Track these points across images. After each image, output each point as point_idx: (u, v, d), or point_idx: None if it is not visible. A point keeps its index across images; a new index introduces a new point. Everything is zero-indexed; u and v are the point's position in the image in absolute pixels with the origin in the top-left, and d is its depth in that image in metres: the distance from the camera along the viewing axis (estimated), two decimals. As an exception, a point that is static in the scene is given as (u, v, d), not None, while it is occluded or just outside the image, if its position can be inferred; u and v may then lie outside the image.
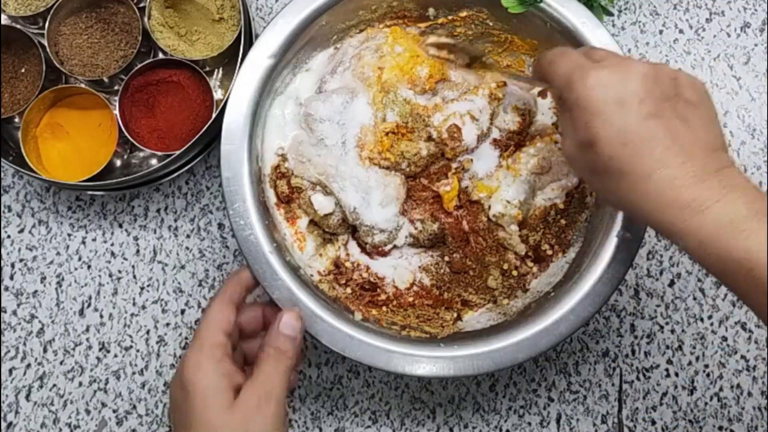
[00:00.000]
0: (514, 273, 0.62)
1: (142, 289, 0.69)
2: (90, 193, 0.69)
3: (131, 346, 0.68)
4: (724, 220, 0.42)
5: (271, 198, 0.62)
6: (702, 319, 0.69)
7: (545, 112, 0.65)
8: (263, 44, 0.59)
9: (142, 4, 0.66)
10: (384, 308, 0.62)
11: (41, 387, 0.68)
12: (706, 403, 0.68)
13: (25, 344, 0.68)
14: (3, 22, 0.66)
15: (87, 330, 0.68)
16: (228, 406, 0.50)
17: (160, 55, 0.67)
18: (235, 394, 0.51)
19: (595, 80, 0.46)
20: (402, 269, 0.63)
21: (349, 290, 0.62)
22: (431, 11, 0.64)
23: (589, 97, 0.46)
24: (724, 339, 0.68)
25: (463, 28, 0.65)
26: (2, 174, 0.70)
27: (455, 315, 0.62)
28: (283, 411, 0.52)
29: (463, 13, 0.64)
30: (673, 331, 0.68)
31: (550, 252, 0.63)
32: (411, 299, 0.62)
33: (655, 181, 0.44)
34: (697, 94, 0.47)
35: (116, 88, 0.66)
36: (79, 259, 0.69)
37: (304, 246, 0.62)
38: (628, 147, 0.45)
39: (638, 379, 0.68)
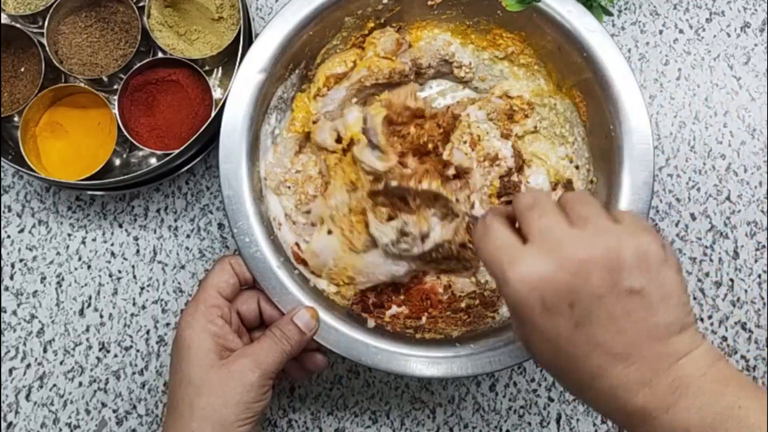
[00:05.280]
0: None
1: (142, 289, 0.69)
2: (90, 193, 0.69)
3: (131, 346, 0.68)
4: (679, 430, 0.38)
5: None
6: (702, 319, 0.69)
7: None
8: (253, 58, 0.59)
9: (141, 3, 0.66)
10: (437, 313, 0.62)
11: (41, 387, 0.68)
12: (705, 403, 0.68)
13: (25, 344, 0.68)
14: (2, 21, 0.66)
15: (87, 330, 0.68)
16: (211, 365, 0.52)
17: (160, 54, 0.67)
18: (226, 355, 0.53)
19: (518, 278, 0.40)
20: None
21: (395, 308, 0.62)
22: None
23: (514, 299, 0.40)
24: (724, 339, 0.68)
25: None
26: (2, 174, 0.70)
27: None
28: (266, 386, 0.53)
29: None
30: (672, 331, 0.68)
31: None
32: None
33: (597, 390, 0.40)
34: (644, 270, 0.40)
35: (115, 87, 0.66)
36: (79, 259, 0.69)
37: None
38: (561, 356, 0.41)
39: (638, 378, 0.68)
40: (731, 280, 0.69)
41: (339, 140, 0.60)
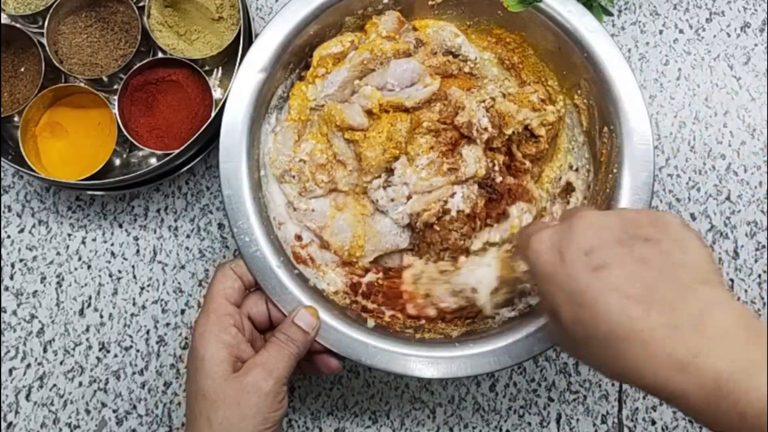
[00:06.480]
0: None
1: (142, 289, 0.69)
2: (90, 193, 0.69)
3: (131, 346, 0.68)
4: (709, 380, 0.36)
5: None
6: (702, 319, 0.69)
7: None
8: (253, 58, 0.59)
9: (141, 4, 0.66)
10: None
11: (41, 387, 0.68)
12: (705, 403, 0.68)
13: (25, 344, 0.68)
14: (3, 21, 0.66)
15: (87, 330, 0.68)
16: (225, 377, 0.52)
17: (160, 54, 0.67)
18: (238, 366, 0.53)
19: (538, 240, 0.43)
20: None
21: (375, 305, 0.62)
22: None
23: (537, 260, 0.43)
24: (724, 339, 0.68)
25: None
26: (2, 174, 0.70)
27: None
28: (282, 394, 0.53)
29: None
30: (672, 331, 0.69)
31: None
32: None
33: (623, 340, 0.38)
34: (661, 230, 0.41)
35: (115, 87, 0.66)
36: (79, 259, 0.69)
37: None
38: (584, 308, 0.40)
39: (638, 378, 0.68)
40: (731, 280, 0.69)
41: (370, 113, 0.60)
